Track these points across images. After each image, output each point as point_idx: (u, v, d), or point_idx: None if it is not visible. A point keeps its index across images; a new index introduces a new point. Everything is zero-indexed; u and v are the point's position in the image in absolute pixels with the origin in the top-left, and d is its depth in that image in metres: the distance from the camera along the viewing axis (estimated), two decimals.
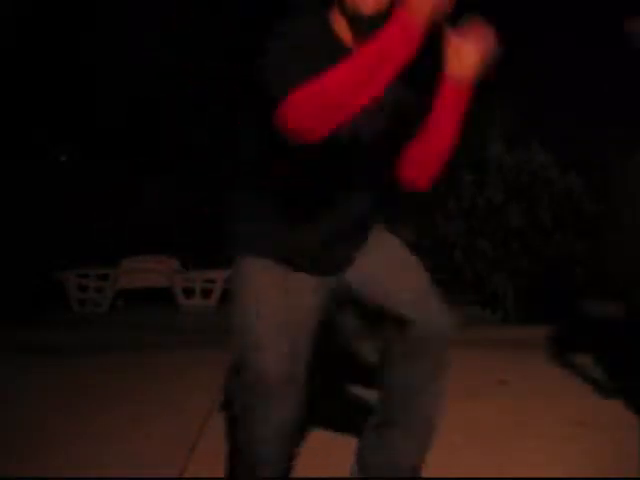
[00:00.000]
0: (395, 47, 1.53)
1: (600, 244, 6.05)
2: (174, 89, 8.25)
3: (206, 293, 7.21)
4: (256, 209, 1.96)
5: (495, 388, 3.80)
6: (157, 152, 8.46)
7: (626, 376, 3.86)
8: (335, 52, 1.68)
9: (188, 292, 7.22)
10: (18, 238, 6.83)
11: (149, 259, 7.33)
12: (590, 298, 5.92)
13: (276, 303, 1.87)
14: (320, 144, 1.61)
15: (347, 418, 3.07)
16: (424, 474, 2.40)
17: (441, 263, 6.37)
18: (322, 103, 1.55)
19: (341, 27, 1.81)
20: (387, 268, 2.03)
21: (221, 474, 2.70)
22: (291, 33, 1.71)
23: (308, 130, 1.57)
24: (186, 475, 2.71)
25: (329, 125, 1.58)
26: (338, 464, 2.50)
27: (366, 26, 1.75)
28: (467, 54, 1.74)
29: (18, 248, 6.77)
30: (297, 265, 1.95)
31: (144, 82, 8.19)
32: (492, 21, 1.75)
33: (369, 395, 2.41)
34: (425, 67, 1.81)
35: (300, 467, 2.49)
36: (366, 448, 2.22)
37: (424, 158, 1.88)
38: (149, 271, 7.26)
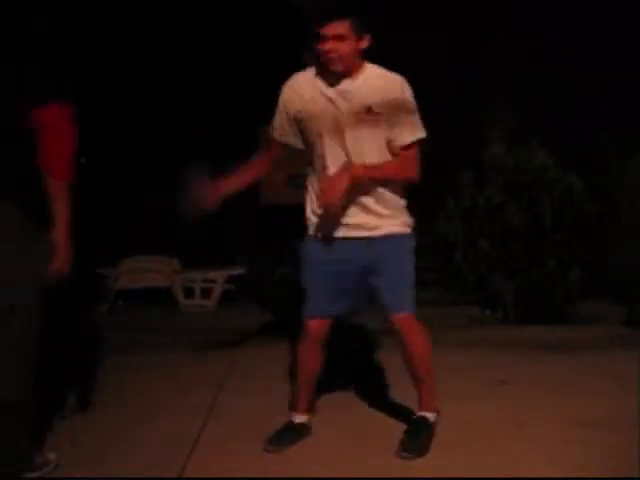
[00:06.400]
0: None
1: (600, 244, 6.04)
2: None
3: (206, 293, 7.20)
4: None
5: (495, 388, 3.80)
6: (157, 152, 8.45)
7: (625, 374, 3.86)
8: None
9: (188, 292, 7.22)
10: None
11: (149, 259, 7.31)
12: (590, 298, 5.91)
13: None
14: None
15: None
16: (424, 474, 2.41)
17: (441, 263, 6.37)
18: None
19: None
20: None
21: (221, 474, 2.71)
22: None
23: None
24: (186, 475, 2.71)
25: None
26: None
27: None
28: None
29: None
30: None
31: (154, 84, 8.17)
32: (493, 20, 1.75)
33: None
34: None
35: None
36: None
37: None
38: (149, 271, 7.24)
